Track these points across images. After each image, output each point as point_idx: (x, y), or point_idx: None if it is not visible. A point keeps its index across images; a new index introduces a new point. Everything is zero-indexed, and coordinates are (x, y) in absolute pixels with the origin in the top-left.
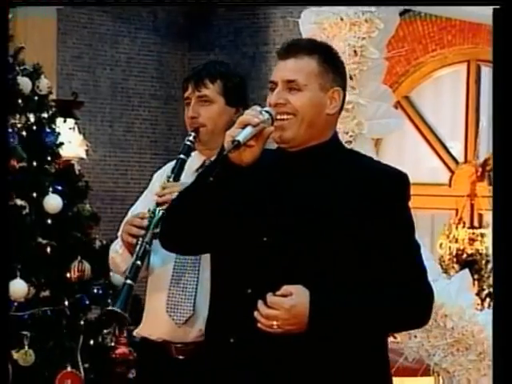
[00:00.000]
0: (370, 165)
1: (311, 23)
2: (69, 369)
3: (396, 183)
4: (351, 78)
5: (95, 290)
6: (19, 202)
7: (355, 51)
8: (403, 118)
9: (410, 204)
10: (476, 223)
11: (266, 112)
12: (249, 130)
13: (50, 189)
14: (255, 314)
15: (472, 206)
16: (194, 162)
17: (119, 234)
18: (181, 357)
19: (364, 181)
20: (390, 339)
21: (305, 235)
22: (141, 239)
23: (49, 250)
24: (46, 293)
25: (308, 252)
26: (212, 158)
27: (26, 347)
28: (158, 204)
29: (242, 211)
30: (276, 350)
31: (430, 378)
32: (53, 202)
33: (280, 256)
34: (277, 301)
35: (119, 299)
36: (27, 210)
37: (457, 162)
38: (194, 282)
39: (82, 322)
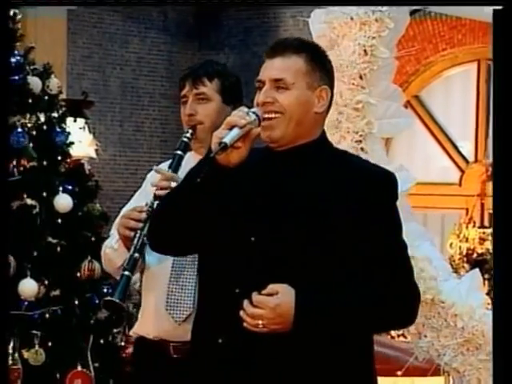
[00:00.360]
0: (358, 164)
1: (321, 22)
2: (79, 368)
3: (383, 183)
4: (361, 78)
5: (105, 290)
6: (29, 201)
7: (365, 50)
8: (413, 118)
9: (420, 203)
10: (486, 223)
11: (253, 113)
12: (236, 132)
13: (60, 188)
14: (241, 313)
15: (482, 205)
16: (190, 162)
17: (112, 230)
18: (178, 356)
19: (352, 180)
20: (400, 339)
21: (292, 235)
22: (139, 232)
23: (59, 249)
24: (57, 292)
25: (295, 251)
26: None
27: (37, 346)
28: (156, 197)
29: (230, 211)
30: (264, 350)
31: (441, 377)
32: (63, 202)
33: (268, 256)
34: (262, 300)
35: (117, 290)
36: (37, 210)
37: (467, 162)
38: (193, 279)
39: (92, 322)
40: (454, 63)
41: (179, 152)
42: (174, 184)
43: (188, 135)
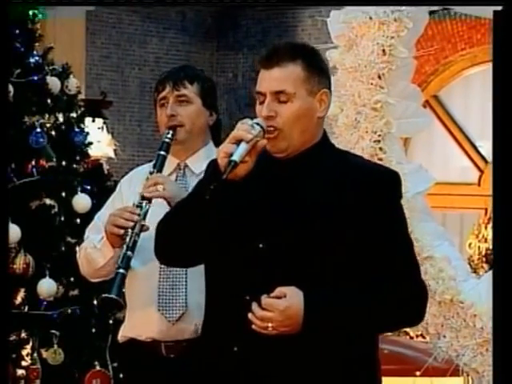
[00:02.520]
0: (362, 164)
1: (340, 22)
2: (97, 368)
3: (387, 182)
4: (380, 77)
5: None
6: (48, 201)
7: (384, 50)
8: (432, 117)
9: (439, 203)
10: None
11: (257, 124)
12: (243, 147)
13: (79, 188)
14: (249, 315)
15: None
16: (168, 166)
17: (87, 233)
18: (171, 355)
19: (356, 181)
20: (419, 339)
21: (300, 239)
22: (130, 230)
23: (77, 249)
24: (75, 292)
25: (304, 255)
26: (187, 161)
27: (55, 346)
28: (144, 198)
29: (237, 219)
30: (278, 357)
31: (460, 378)
32: (81, 202)
33: (276, 262)
34: (271, 303)
35: (114, 287)
36: (56, 210)
37: (486, 162)
38: (183, 277)
39: (110, 321)
40: (473, 63)
41: (162, 152)
42: (160, 187)
43: (169, 136)
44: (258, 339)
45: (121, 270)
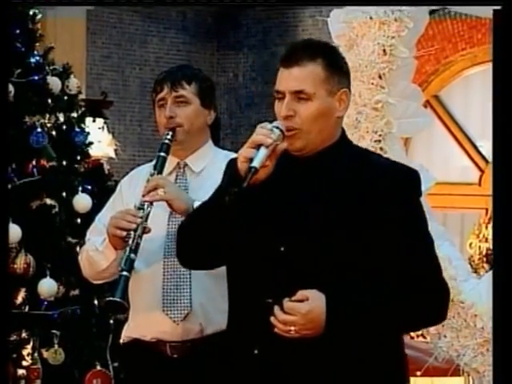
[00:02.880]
0: (381, 162)
1: (340, 22)
2: (98, 368)
3: (407, 180)
4: (380, 77)
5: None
6: (49, 201)
7: (384, 50)
8: (432, 117)
9: (440, 203)
10: None
11: (277, 128)
12: (263, 152)
13: (80, 188)
14: (271, 319)
15: None
16: (167, 165)
17: (88, 235)
18: (176, 355)
19: (375, 179)
20: (420, 339)
21: (320, 241)
22: (133, 233)
23: (78, 249)
24: (76, 292)
25: (324, 257)
26: (186, 160)
27: (56, 346)
28: (145, 200)
29: (258, 222)
30: (299, 359)
31: (460, 378)
32: (82, 202)
33: (298, 264)
34: (293, 306)
35: (118, 289)
36: (57, 210)
37: (486, 161)
38: (187, 277)
39: (111, 321)
40: (473, 63)
41: (162, 154)
42: (161, 192)
43: (169, 137)
44: (279, 342)
45: (124, 273)
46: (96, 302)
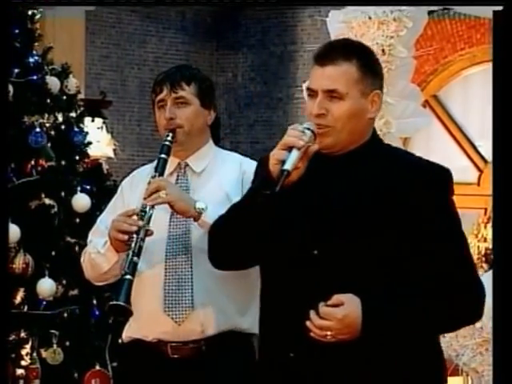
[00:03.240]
0: (412, 161)
1: (339, 22)
2: (97, 367)
3: (439, 178)
4: None
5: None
6: (48, 201)
7: (383, 50)
8: (431, 117)
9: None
10: None
11: (308, 129)
12: (295, 154)
13: (79, 188)
14: (307, 323)
15: None
16: (168, 165)
17: (90, 237)
18: (177, 356)
19: (407, 178)
20: None
21: (355, 243)
22: (135, 236)
23: (77, 248)
24: (75, 292)
25: (359, 260)
26: (187, 160)
27: (55, 346)
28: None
29: (291, 225)
30: (335, 362)
31: (459, 377)
32: (81, 202)
33: (332, 267)
34: (329, 311)
35: (121, 293)
36: (55, 210)
37: (485, 161)
38: (188, 278)
39: (110, 321)
40: (472, 62)
41: (163, 156)
42: (163, 195)
43: (169, 138)
44: (315, 345)
45: (128, 277)
46: (95, 301)
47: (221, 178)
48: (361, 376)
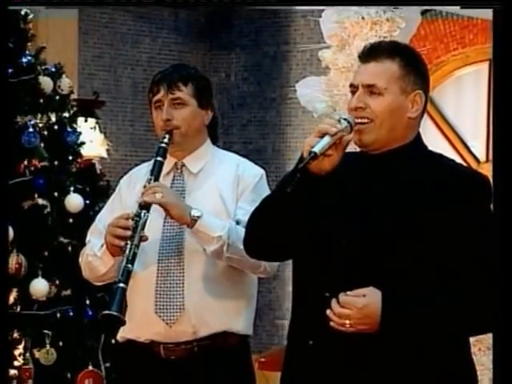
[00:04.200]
0: (453, 168)
1: (332, 22)
2: (90, 368)
3: (478, 187)
4: None
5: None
6: (41, 201)
7: None
8: (424, 117)
9: None
10: None
11: (345, 120)
12: (326, 140)
13: (72, 188)
14: (327, 312)
15: None
16: (165, 165)
17: (89, 237)
18: (169, 357)
19: (445, 183)
20: None
21: (383, 238)
22: (129, 242)
23: (70, 249)
24: (68, 292)
25: (387, 254)
26: (184, 161)
27: (48, 346)
28: (142, 207)
29: (321, 215)
30: (354, 352)
31: None
32: (74, 202)
33: (359, 259)
34: (349, 300)
35: (114, 302)
36: (49, 210)
37: (478, 161)
38: (180, 280)
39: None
40: (465, 63)
41: (159, 158)
42: (159, 196)
43: (166, 140)
44: (334, 334)
45: (121, 285)
46: (88, 302)
47: (217, 181)
48: (378, 366)
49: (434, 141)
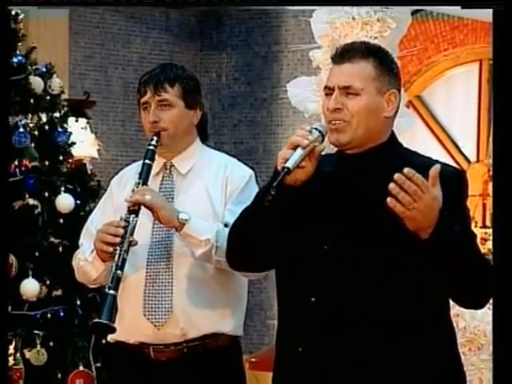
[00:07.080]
0: (428, 164)
1: (323, 22)
2: (81, 368)
3: (454, 181)
4: None
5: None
6: (31, 201)
7: None
8: (415, 118)
9: None
10: (488, 223)
11: (316, 129)
12: (299, 153)
13: (62, 188)
14: (388, 200)
15: (484, 205)
16: (154, 165)
17: (81, 240)
18: (159, 358)
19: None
20: None
21: (365, 239)
22: (118, 248)
23: (61, 249)
24: (59, 292)
25: (369, 256)
26: (173, 161)
27: (39, 346)
28: (131, 211)
29: (302, 221)
30: (344, 358)
31: None
32: (65, 202)
33: (342, 263)
34: (427, 185)
35: (104, 310)
36: (39, 210)
37: (469, 162)
38: (168, 282)
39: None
40: (456, 63)
41: (147, 161)
42: (148, 197)
43: (153, 142)
44: (323, 340)
45: (111, 292)
46: (79, 302)
47: (205, 182)
48: (368, 371)
49: (425, 141)
